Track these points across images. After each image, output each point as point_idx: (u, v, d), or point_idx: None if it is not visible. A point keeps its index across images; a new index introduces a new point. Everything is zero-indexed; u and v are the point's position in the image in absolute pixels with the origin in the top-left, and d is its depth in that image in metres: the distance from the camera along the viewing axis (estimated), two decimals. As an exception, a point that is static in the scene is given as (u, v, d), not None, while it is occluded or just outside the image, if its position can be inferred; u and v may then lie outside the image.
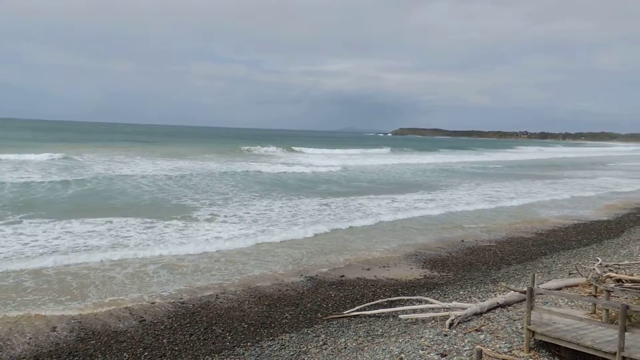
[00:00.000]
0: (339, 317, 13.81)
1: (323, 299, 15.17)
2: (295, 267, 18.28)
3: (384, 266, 18.75)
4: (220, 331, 12.76)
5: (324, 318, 13.76)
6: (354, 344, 11.91)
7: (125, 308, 14.00)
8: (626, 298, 12.59)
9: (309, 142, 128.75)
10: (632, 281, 14.65)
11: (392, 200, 34.00)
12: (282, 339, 12.37)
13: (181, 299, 14.85)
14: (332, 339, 12.31)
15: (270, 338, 12.41)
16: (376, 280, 17.12)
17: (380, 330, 12.74)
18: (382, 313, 13.87)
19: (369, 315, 13.85)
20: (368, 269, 18.33)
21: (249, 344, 12.08)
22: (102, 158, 56.45)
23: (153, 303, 14.43)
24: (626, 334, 8.73)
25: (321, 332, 12.77)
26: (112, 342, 11.96)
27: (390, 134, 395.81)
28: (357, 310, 14.08)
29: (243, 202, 31.03)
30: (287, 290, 15.95)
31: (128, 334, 12.40)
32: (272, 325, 13.24)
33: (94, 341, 11.96)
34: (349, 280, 17.06)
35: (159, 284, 16.02)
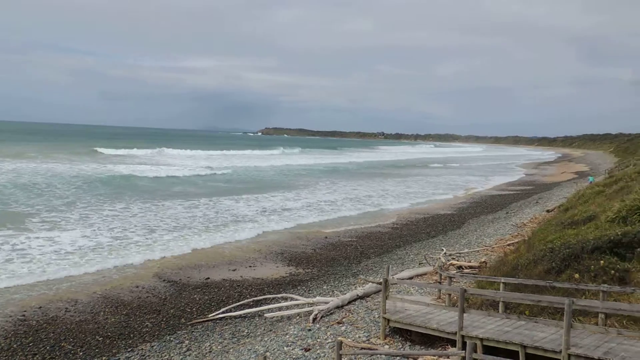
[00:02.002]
0: (203, 321, 13.46)
1: (187, 304, 14.68)
2: (157, 272, 17.41)
3: (250, 266, 18.72)
4: (71, 347, 11.65)
5: (188, 323, 13.32)
6: (219, 347, 11.70)
7: (-50, 331, 12.10)
8: (465, 282, 14.13)
9: (174, 142, 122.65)
10: (470, 267, 16.55)
11: (257, 200, 34.13)
12: (142, 349, 11.70)
13: (22, 315, 13.25)
14: (196, 344, 11.97)
15: (129, 349, 11.66)
16: (242, 280, 17.03)
17: (246, 331, 12.70)
18: (248, 313, 13.84)
19: (235, 317, 13.72)
20: (234, 270, 18.15)
21: (104, 358, 11.22)
22: None
23: (-14, 323, 12.67)
24: (464, 314, 9.80)
25: (185, 338, 12.34)
26: None
27: (260, 133, 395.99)
28: (223, 313, 13.87)
29: (92, 207, 28.64)
30: (147, 297, 15.12)
31: (-47, 362, 10.73)
32: (131, 335, 12.46)
33: None
34: (215, 282, 16.73)
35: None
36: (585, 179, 42.29)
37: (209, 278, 17.08)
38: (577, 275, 10.76)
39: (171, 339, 12.27)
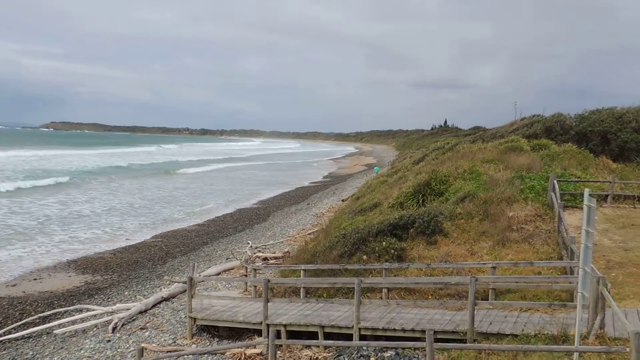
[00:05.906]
0: (-27, 349, 11.42)
1: (-50, 332, 12.26)
2: None
3: (35, 279, 16.47)
4: None
5: (-48, 355, 11.15)
6: (-5, 377, 10.08)
7: None
8: (270, 273, 14.70)
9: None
10: (275, 258, 17.27)
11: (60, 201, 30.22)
12: None
13: None
14: (-37, 378, 10.10)
15: None
16: (25, 296, 14.90)
17: (31, 353, 11.18)
18: (33, 332, 12.18)
19: (16, 339, 11.95)
20: (14, 285, 15.77)
21: None
22: None
23: None
24: (269, 303, 10.20)
25: (-53, 373, 10.31)
26: None
27: (50, 129, 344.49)
28: None
29: None
30: None
31: None
32: None
33: None
34: (-12, 302, 14.30)
35: None
36: (372, 171, 47.54)
37: (-20, 298, 14.53)
38: (365, 257, 12.08)
39: None
